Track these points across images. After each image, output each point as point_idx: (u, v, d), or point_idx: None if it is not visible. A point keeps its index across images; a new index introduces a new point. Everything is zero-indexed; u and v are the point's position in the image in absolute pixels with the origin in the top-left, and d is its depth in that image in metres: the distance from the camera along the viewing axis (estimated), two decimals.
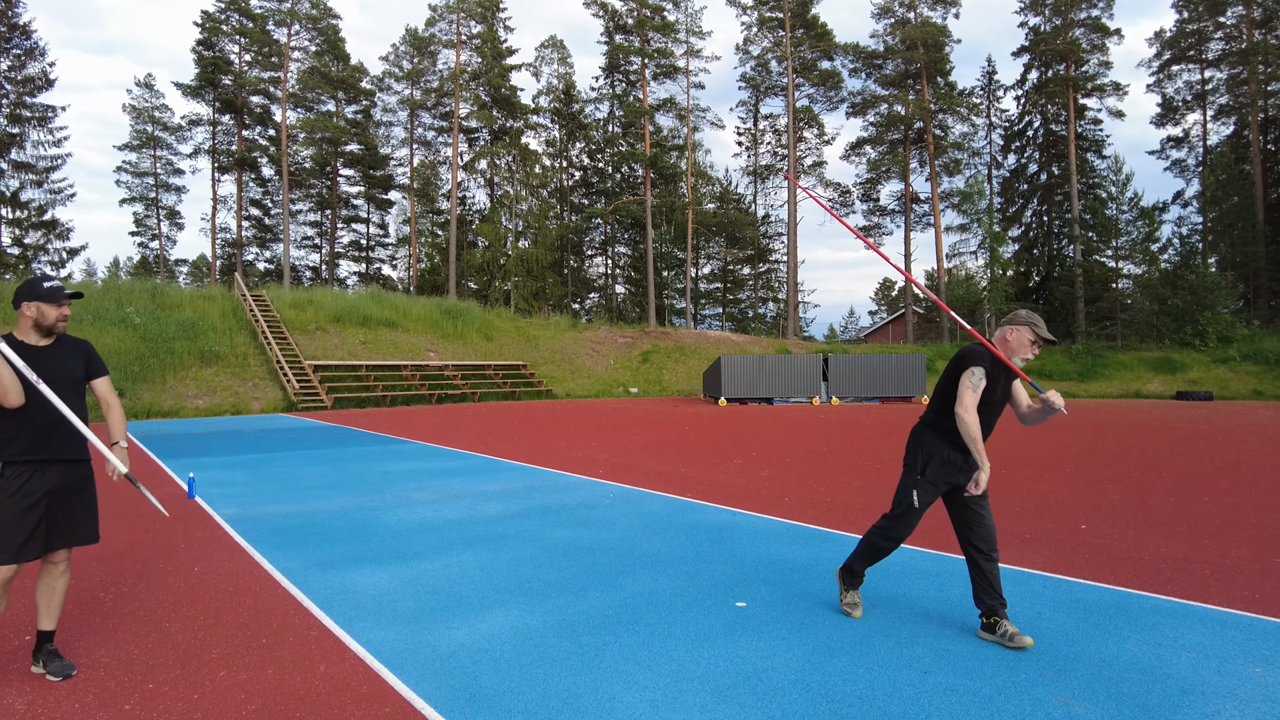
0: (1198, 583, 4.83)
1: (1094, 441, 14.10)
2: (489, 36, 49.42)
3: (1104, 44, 48.05)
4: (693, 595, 4.64)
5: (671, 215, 51.34)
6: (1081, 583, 4.84)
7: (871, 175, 53.70)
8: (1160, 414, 22.13)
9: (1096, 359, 37.82)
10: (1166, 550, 5.70)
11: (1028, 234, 54.17)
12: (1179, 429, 16.85)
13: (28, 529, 3.34)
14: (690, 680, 3.35)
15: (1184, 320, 38.12)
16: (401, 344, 32.02)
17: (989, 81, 55.05)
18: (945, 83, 50.60)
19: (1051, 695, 3.13)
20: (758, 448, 13.33)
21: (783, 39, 50.26)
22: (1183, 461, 11.20)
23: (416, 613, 4.38)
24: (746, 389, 28.29)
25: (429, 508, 7.67)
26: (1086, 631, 3.91)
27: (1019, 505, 7.58)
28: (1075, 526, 6.56)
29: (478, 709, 3.08)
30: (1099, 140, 50.68)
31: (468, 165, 53.71)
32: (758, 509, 7.49)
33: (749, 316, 61.25)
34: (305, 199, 54.34)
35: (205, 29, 47.83)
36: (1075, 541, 6.01)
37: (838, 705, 3.07)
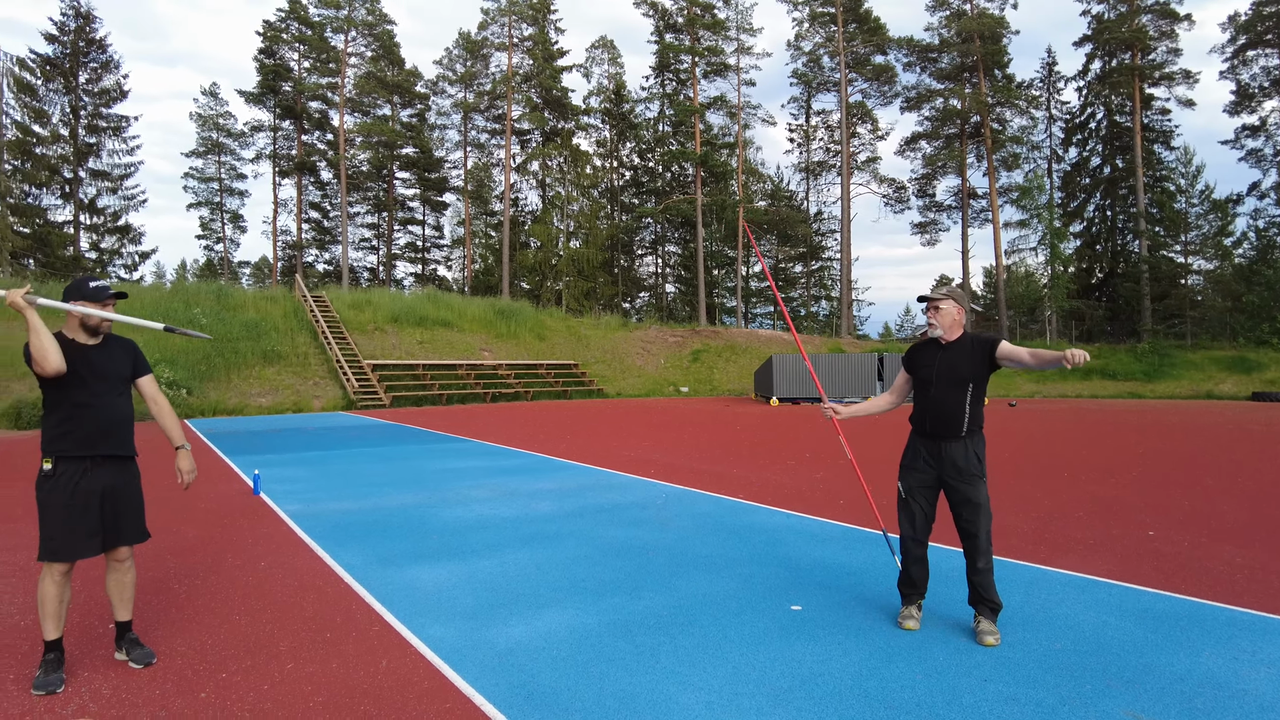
0: (1276, 594, 4.64)
1: (1161, 445, 13.62)
2: (540, 39, 49.88)
3: (1173, 30, 46.27)
4: (748, 597, 4.63)
5: (722, 213, 51.12)
6: (1150, 591, 4.69)
7: (927, 171, 52.68)
8: (1234, 416, 21.26)
9: (1164, 358, 36.52)
10: (1242, 559, 5.48)
11: (1090, 229, 52.54)
12: (1255, 432, 16.16)
13: (86, 528, 3.48)
14: (746, 683, 3.35)
15: (1260, 317, 36.56)
16: (457, 343, 32.55)
17: (1049, 73, 53.54)
18: (1003, 75, 49.32)
19: (1120, 708, 3.04)
20: (811, 449, 13.21)
21: (835, 34, 49.62)
22: (1259, 466, 10.74)
23: (475, 610, 4.46)
24: (799, 389, 28.04)
25: (485, 505, 7.79)
26: (1156, 643, 3.79)
27: (1081, 510, 7.37)
28: (1142, 533, 6.36)
29: (535, 707, 3.13)
30: (1167, 131, 48.87)
31: (520, 167, 54.33)
32: (812, 511, 7.43)
33: (801, 315, 60.65)
34: (362, 202, 55.60)
35: (267, 38, 49.27)
36: (1143, 548, 5.83)
37: (896, 712, 3.04)
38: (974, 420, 4.01)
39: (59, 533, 3.43)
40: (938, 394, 4.05)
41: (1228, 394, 31.92)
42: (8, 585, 5.11)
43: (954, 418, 3.99)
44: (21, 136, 40.41)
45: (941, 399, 4.03)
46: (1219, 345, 38.10)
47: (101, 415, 3.53)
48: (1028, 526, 6.60)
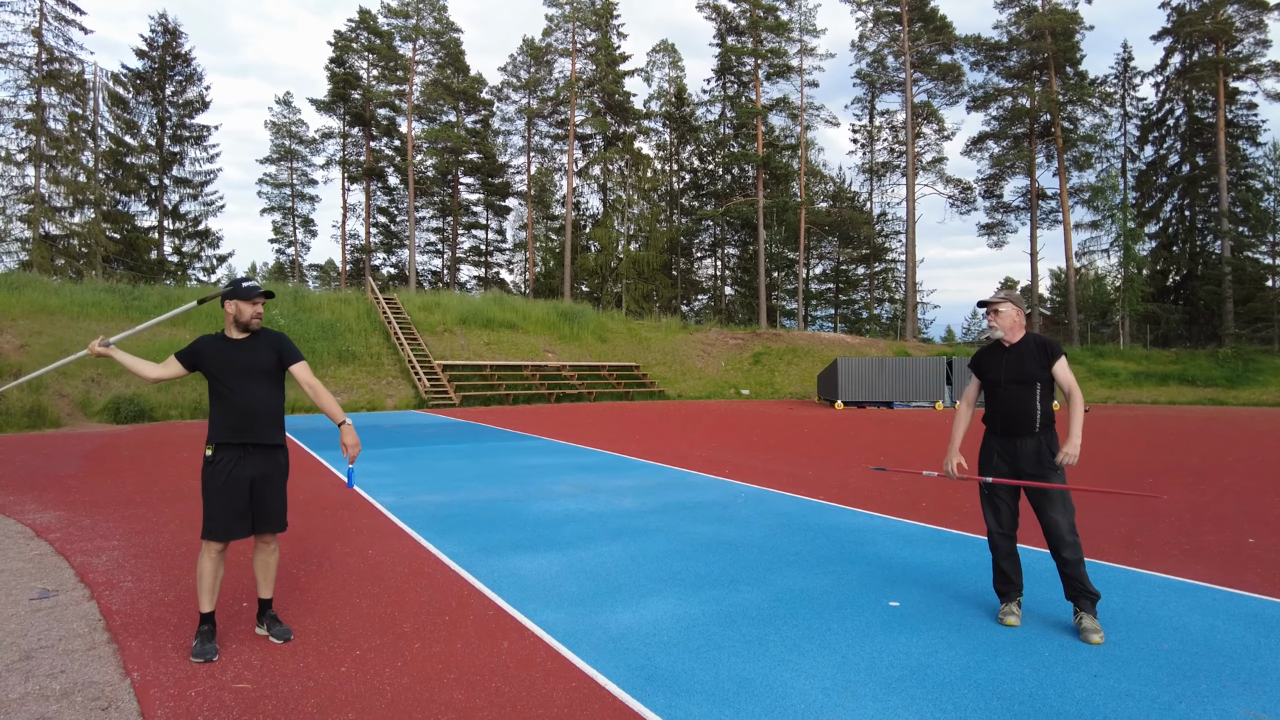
0: None
1: (1250, 452, 13.17)
2: (603, 44, 50.38)
3: (1261, 21, 44.28)
4: (843, 594, 4.74)
5: (783, 215, 50.84)
6: (1257, 597, 4.64)
7: (994, 171, 51.43)
8: None
9: (1249, 364, 35.00)
10: None
11: (1166, 230, 50.69)
12: None
13: (236, 511, 3.80)
14: (856, 672, 3.47)
15: None
16: (522, 345, 33.13)
17: (1124, 69, 51.78)
18: (1075, 72, 47.89)
19: (1239, 708, 3.07)
20: (885, 452, 13.16)
21: (900, 33, 48.91)
22: None
23: (580, 597, 4.67)
24: (864, 392, 27.76)
25: (570, 500, 8.03)
26: (1270, 646, 3.78)
27: (1174, 516, 7.25)
28: (1242, 539, 6.24)
29: (657, 688, 3.30)
30: (1253, 126, 46.87)
31: (582, 171, 54.94)
32: (894, 513, 7.47)
33: (863, 318, 59.89)
34: (428, 206, 56.92)
35: (337, 47, 50.87)
36: (1243, 554, 5.73)
37: (1009, 702, 3.13)
38: (1046, 416, 4.12)
39: (216, 514, 3.77)
40: (1007, 394, 4.18)
41: None
42: (148, 565, 5.52)
43: (1026, 415, 4.11)
44: (114, 147, 42.56)
45: (1012, 398, 4.16)
46: None
47: (242, 405, 3.84)
48: (1119, 531, 6.54)
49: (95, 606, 4.58)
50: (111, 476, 10.12)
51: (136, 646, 3.85)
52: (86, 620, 4.33)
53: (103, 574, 5.27)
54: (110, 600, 4.66)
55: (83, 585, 5.06)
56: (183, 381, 21.78)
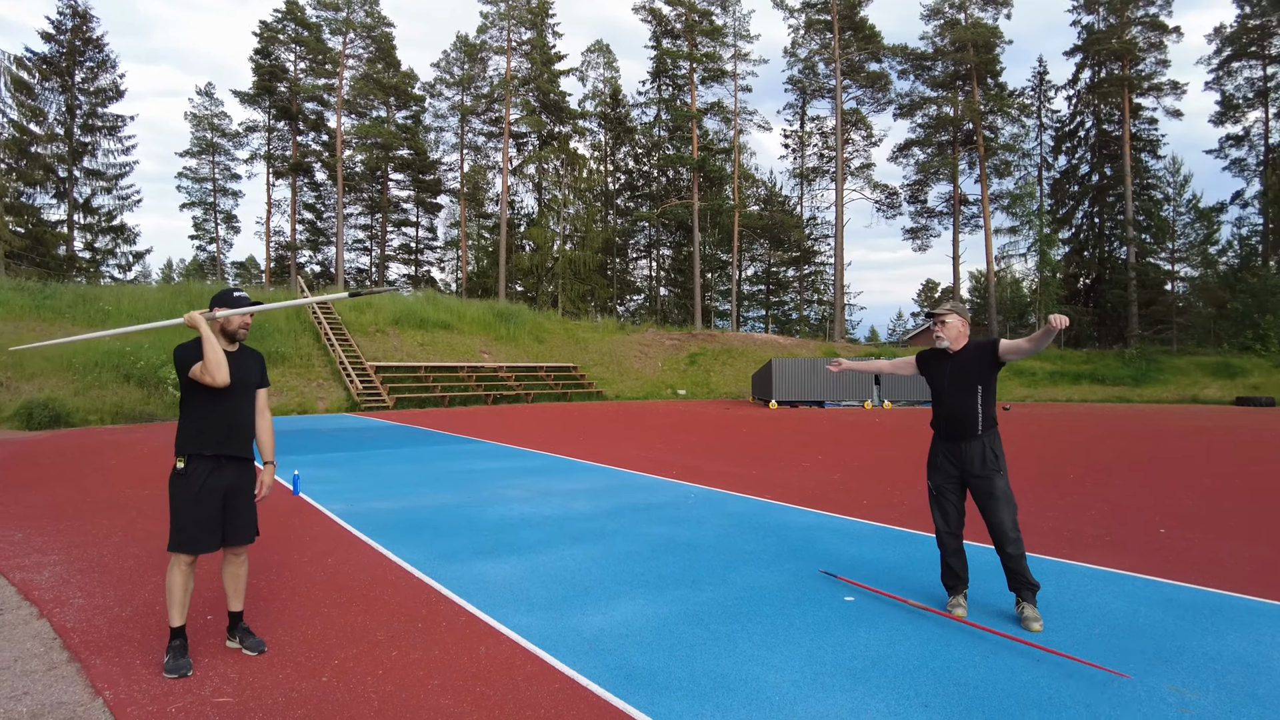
0: None
1: (1156, 449, 14.09)
2: (539, 43, 50.21)
3: (1162, 42, 47.22)
4: (801, 590, 4.98)
5: (717, 218, 51.57)
6: (1171, 583, 5.07)
7: (920, 177, 53.41)
8: (1221, 420, 21.84)
9: (1151, 363, 37.20)
10: (1250, 554, 5.88)
11: (1078, 236, 53.41)
12: (1243, 435, 16.69)
13: (208, 524, 3.79)
14: (823, 664, 3.69)
15: (1244, 324, 37.36)
16: (457, 346, 32.78)
17: (1040, 82, 54.38)
18: (995, 84, 50.10)
19: (1163, 684, 3.41)
20: (821, 451, 13.59)
21: (830, 41, 50.21)
22: (1252, 467, 11.20)
23: (549, 601, 4.78)
24: (798, 392, 28.46)
25: (524, 505, 8.11)
26: (1185, 628, 4.16)
27: (1095, 510, 7.77)
28: (1155, 531, 6.76)
29: (637, 687, 3.45)
30: (1154, 140, 49.83)
31: (517, 170, 54.65)
32: (839, 511, 7.79)
33: (793, 319, 61.20)
34: (357, 203, 55.70)
35: (263, 38, 49.32)
36: (1157, 544, 6.22)
37: (964, 687, 3.39)
38: (988, 419, 4.41)
39: (187, 526, 3.73)
40: (951, 399, 4.46)
41: (1213, 399, 32.61)
42: (97, 580, 5.38)
43: (969, 419, 4.39)
44: (17, 135, 40.32)
45: (955, 403, 4.44)
46: (1204, 351, 38.88)
47: (226, 417, 3.84)
48: (1046, 525, 6.99)
49: (47, 624, 4.46)
50: (37, 487, 9.70)
51: (102, 664, 3.79)
52: (40, 639, 4.22)
53: (49, 590, 5.12)
54: (63, 618, 4.54)
55: (28, 603, 4.90)
56: (102, 384, 20.88)
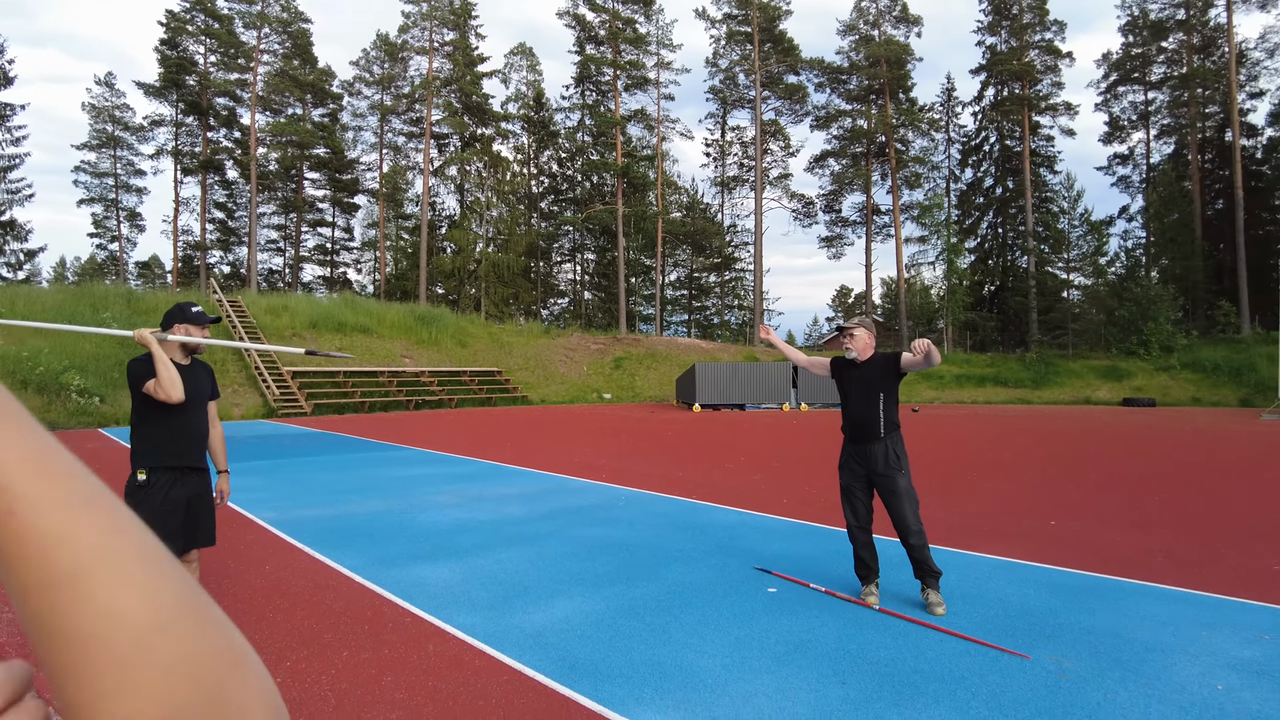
0: (1153, 568, 5.66)
1: (1051, 447, 15.14)
2: (461, 44, 49.78)
3: (1056, 65, 50.21)
4: (728, 583, 5.33)
5: (641, 224, 52.15)
6: (1057, 569, 5.64)
7: (835, 187, 55.24)
8: (1109, 420, 23.47)
9: (1049, 366, 39.51)
10: (1125, 541, 6.55)
11: (983, 245, 56.18)
12: (1126, 434, 18.05)
13: (171, 532, 3.88)
14: (750, 650, 4.03)
15: (1130, 330, 40.05)
16: (377, 350, 32.25)
17: (948, 98, 57.01)
18: (907, 99, 52.29)
19: (1046, 654, 3.88)
20: (743, 453, 14.09)
21: (750, 53, 51.45)
22: (1132, 463, 12.22)
23: (490, 601, 4.99)
24: (720, 395, 29.13)
25: (458, 510, 8.24)
26: (1065, 608, 4.69)
27: (994, 504, 8.42)
28: (1046, 523, 7.41)
29: (581, 676, 3.71)
30: (1051, 156, 52.85)
31: (438, 171, 53.97)
32: (761, 509, 8.21)
33: (714, 324, 62.33)
34: (270, 202, 53.99)
35: (169, 28, 47.33)
36: (1047, 535, 6.84)
37: (877, 666, 3.79)
38: (890, 423, 4.87)
39: None
40: (856, 405, 4.93)
41: (1103, 400, 34.90)
42: None
43: (872, 423, 4.86)
44: None
45: (860, 409, 4.91)
46: (1096, 355, 41.51)
47: (186, 430, 3.93)
48: (951, 519, 7.56)
49: None
50: None
51: None
52: None
53: None
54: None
55: None
56: None
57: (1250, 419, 24.10)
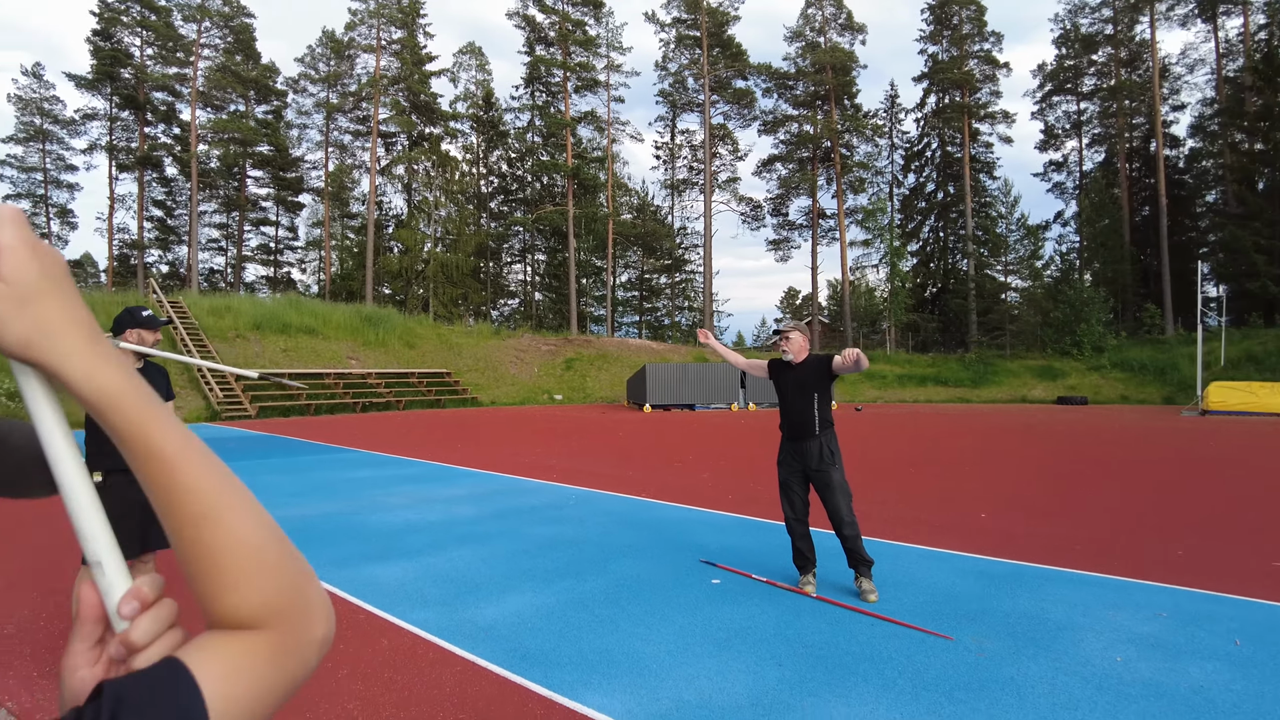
0: (1072, 555, 6.04)
1: (986, 444, 15.75)
2: (409, 43, 49.25)
3: (995, 75, 51.90)
4: (673, 576, 5.53)
5: (592, 225, 52.25)
6: (984, 558, 5.99)
7: (782, 191, 56.13)
8: (1044, 417, 24.41)
9: (988, 366, 40.81)
10: (1049, 532, 6.95)
11: (925, 249, 57.68)
12: (1058, 430, 18.84)
13: (128, 533, 3.93)
14: (693, 636, 4.24)
15: (1063, 331, 41.60)
16: (323, 352, 31.76)
17: (892, 105, 58.40)
18: (851, 105, 53.43)
19: (969, 636, 4.17)
20: (693, 452, 14.35)
21: (699, 57, 51.98)
22: (1062, 459, 12.82)
23: (443, 598, 5.11)
24: (670, 396, 29.43)
25: (408, 511, 8.29)
26: (990, 593, 5.01)
27: (929, 498, 8.80)
28: (977, 515, 7.80)
29: (532, 665, 3.87)
30: (990, 163, 54.55)
31: (385, 170, 53.27)
32: (708, 506, 8.45)
33: (665, 325, 62.75)
34: (211, 200, 52.65)
35: (103, 19, 45.83)
36: (976, 527, 7.22)
37: (812, 649, 4.02)
38: (824, 421, 5.15)
39: None
40: (791, 405, 5.22)
41: (1038, 398, 36.20)
42: None
43: (807, 421, 5.14)
44: None
45: (796, 408, 5.19)
46: (1032, 355, 42.99)
47: None
48: (887, 513, 7.90)
49: None
50: None
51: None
52: None
53: None
54: None
55: None
56: None
57: (1172, 416, 25.32)
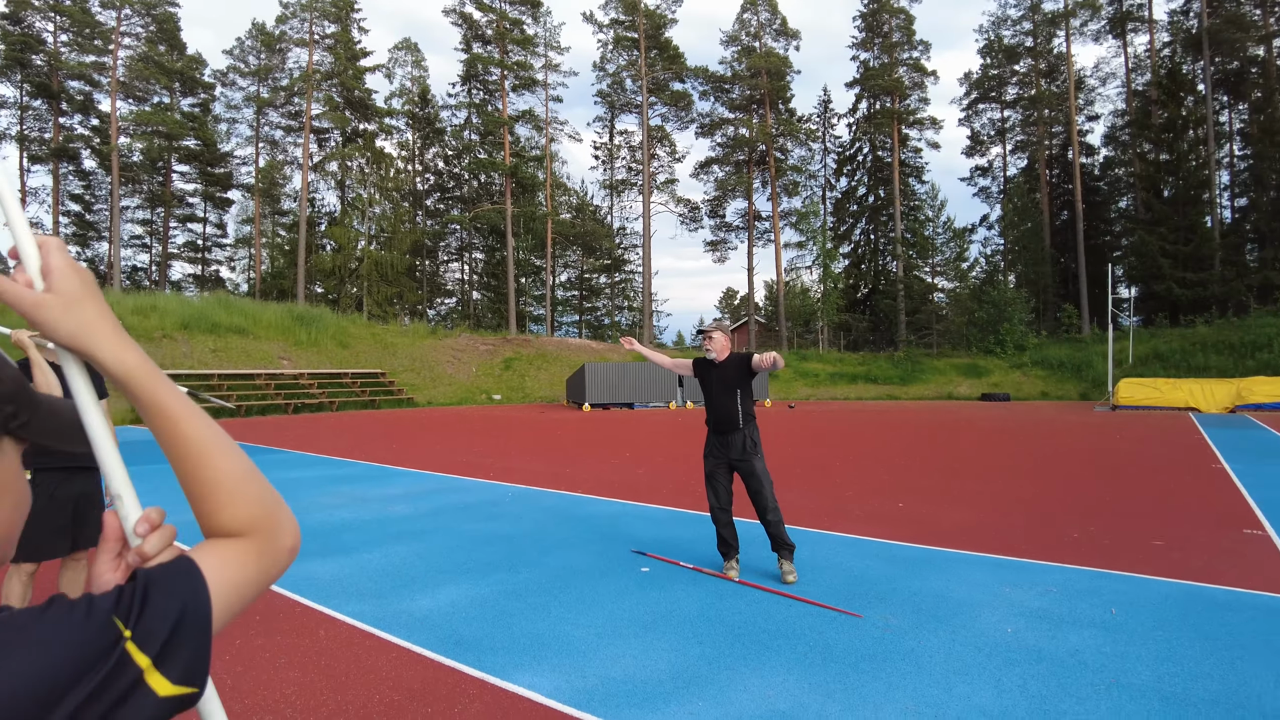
0: (979, 540, 6.47)
1: (911, 439, 16.40)
2: (343, 37, 48.31)
3: (923, 82, 53.57)
4: (606, 566, 5.75)
5: (530, 224, 52.10)
6: (898, 544, 6.36)
7: (719, 193, 56.89)
8: (967, 413, 25.43)
9: (916, 365, 42.18)
10: (961, 519, 7.39)
11: (857, 251, 59.21)
12: (981, 426, 19.70)
13: (56, 531, 3.95)
14: (622, 620, 4.46)
15: (987, 331, 43.28)
16: (253, 352, 30.99)
17: (825, 110, 59.78)
18: (786, 109, 54.50)
19: (879, 614, 4.49)
20: (630, 449, 14.59)
21: (637, 59, 52.33)
22: (981, 452, 13.48)
23: (379, 591, 5.22)
24: (609, 395, 29.64)
25: (343, 510, 8.31)
26: (901, 575, 5.37)
27: (849, 490, 9.22)
28: (895, 504, 8.22)
29: (465, 650, 4.03)
30: (919, 167, 56.33)
31: (318, 166, 52.11)
32: (642, 500, 8.69)
33: (605, 324, 62.94)
34: (134, 195, 50.70)
35: (12, 1, 43.69)
36: (893, 515, 7.62)
37: (733, 628, 4.29)
38: (746, 415, 5.48)
39: (31, 535, 3.85)
40: (716, 400, 5.55)
41: (964, 395, 37.60)
42: None
43: (731, 415, 5.46)
44: None
45: (720, 404, 5.52)
46: (957, 354, 44.58)
47: None
48: (812, 504, 8.26)
49: None
50: None
51: None
52: None
53: None
54: None
55: None
56: None
57: (1086, 411, 26.65)
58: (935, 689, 3.45)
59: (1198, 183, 43.38)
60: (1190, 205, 42.98)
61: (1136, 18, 50.00)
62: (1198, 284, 41.73)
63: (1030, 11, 51.25)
